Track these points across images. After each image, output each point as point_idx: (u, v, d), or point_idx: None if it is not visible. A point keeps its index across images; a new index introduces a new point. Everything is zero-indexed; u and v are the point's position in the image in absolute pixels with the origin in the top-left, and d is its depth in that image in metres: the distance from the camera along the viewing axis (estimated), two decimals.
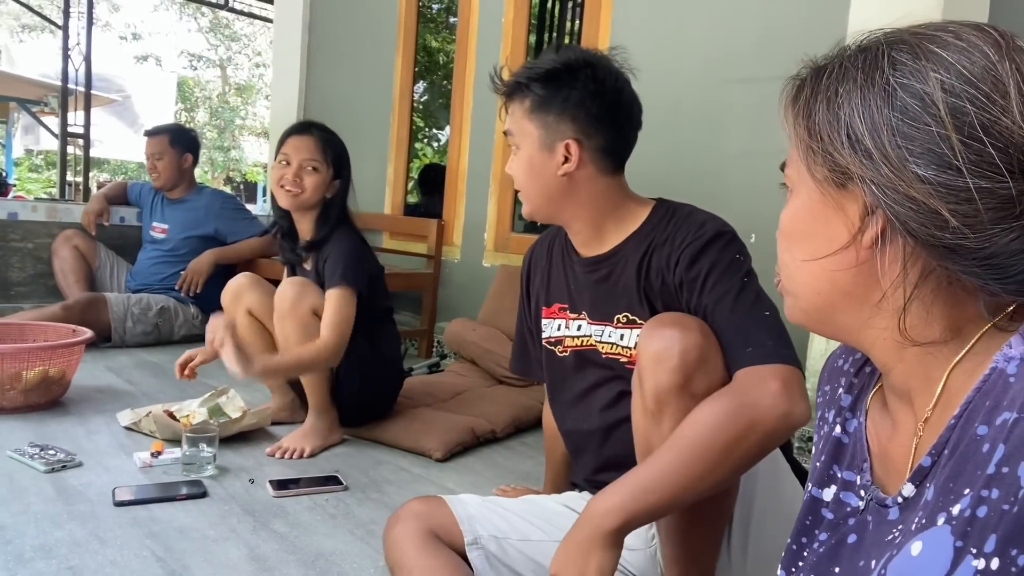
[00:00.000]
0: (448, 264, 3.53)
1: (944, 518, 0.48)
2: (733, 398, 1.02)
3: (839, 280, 0.58)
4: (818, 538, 0.66)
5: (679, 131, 2.62)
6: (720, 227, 1.22)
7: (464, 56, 3.51)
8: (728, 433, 0.98)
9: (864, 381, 0.68)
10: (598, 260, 1.32)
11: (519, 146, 1.31)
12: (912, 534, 0.51)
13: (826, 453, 0.68)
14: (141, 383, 2.74)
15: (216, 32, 19.35)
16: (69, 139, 7.01)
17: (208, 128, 19.22)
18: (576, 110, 1.26)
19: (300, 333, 2.01)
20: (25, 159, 14.73)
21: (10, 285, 3.67)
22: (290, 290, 2.02)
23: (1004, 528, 0.43)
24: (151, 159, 3.56)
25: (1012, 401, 0.46)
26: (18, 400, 2.24)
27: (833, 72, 0.57)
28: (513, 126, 1.31)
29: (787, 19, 2.32)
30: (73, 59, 6.84)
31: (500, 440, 2.31)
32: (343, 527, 1.63)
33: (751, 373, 1.05)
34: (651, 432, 1.12)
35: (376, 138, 3.98)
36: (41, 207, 3.85)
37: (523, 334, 1.54)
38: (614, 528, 0.95)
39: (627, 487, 0.98)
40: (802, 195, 0.60)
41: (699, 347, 1.08)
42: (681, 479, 0.98)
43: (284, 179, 2.13)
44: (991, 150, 0.49)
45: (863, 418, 0.66)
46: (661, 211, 1.30)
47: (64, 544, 1.45)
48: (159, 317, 3.38)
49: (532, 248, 1.52)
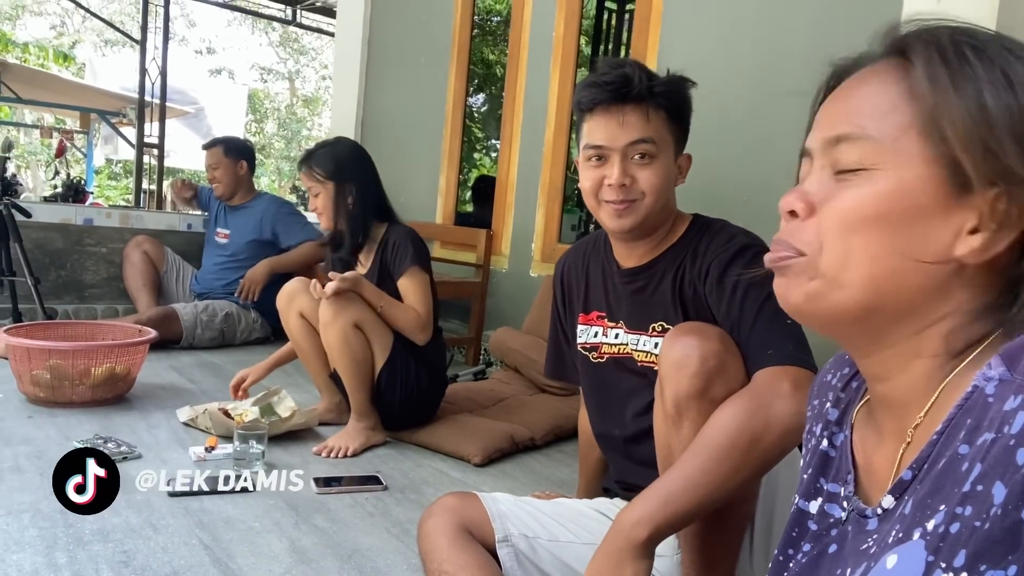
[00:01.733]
0: (496, 273, 3.59)
1: (919, 533, 0.49)
2: (748, 400, 1.05)
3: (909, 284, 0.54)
4: (802, 549, 0.67)
5: (727, 144, 2.61)
6: (748, 240, 1.25)
7: (516, 69, 3.57)
8: (744, 434, 1.01)
9: (851, 395, 0.69)
10: (636, 271, 1.37)
11: (655, 154, 1.27)
12: (889, 547, 0.51)
13: (813, 466, 0.69)
14: (201, 382, 2.87)
15: (285, 46, 20.01)
16: (145, 149, 7.37)
17: (276, 139, 19.86)
18: (688, 127, 1.33)
19: (341, 343, 2.10)
20: (105, 167, 15.48)
21: (84, 287, 3.88)
22: (334, 301, 2.11)
23: (975, 544, 0.44)
24: (209, 170, 3.76)
25: (991, 421, 0.46)
26: (86, 395, 2.39)
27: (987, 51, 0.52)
28: (654, 133, 1.26)
29: (835, 31, 2.30)
30: (150, 73, 7.20)
31: (539, 448, 2.34)
32: (380, 525, 1.69)
33: (765, 375, 1.09)
34: (671, 437, 1.14)
35: (430, 149, 4.08)
36: (115, 214, 4.07)
37: (557, 340, 1.58)
38: (644, 539, 0.98)
39: (653, 497, 1.01)
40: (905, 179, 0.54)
41: (718, 354, 1.10)
42: (704, 484, 1.00)
43: (313, 209, 2.39)
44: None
45: (849, 431, 0.67)
46: (697, 225, 1.34)
47: (120, 530, 1.55)
48: (224, 323, 3.55)
49: (566, 256, 1.56)
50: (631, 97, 1.25)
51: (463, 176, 4.31)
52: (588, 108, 1.29)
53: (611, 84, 1.25)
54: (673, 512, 0.99)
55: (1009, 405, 0.45)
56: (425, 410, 2.34)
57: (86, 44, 18.03)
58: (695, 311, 1.28)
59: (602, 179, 1.29)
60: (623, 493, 1.43)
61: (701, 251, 1.29)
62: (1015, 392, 0.45)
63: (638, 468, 1.39)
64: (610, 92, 1.25)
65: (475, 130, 6.72)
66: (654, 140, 1.26)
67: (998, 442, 0.45)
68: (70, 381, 2.35)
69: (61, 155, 8.78)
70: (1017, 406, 0.45)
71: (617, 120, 1.26)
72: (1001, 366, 0.48)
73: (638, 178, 1.27)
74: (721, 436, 1.02)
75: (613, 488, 1.47)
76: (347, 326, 2.10)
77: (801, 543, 0.67)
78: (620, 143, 1.26)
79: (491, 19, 6.10)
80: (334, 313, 2.10)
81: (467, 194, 5.76)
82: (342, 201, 2.30)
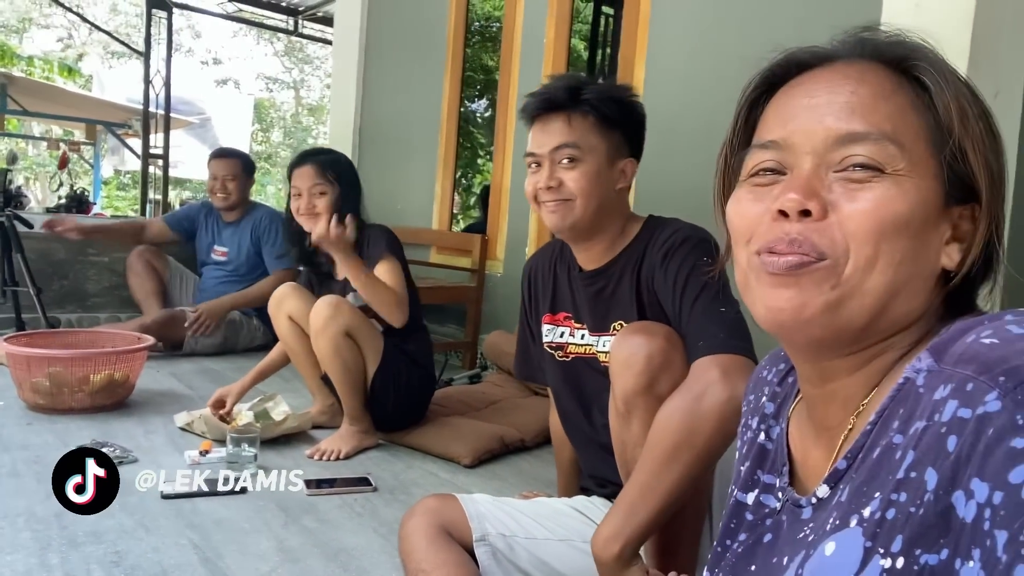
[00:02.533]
0: (491, 278, 3.62)
1: (856, 519, 0.50)
2: (683, 396, 1.10)
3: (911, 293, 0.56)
4: (738, 539, 0.69)
5: (716, 147, 2.64)
6: (689, 233, 1.30)
7: (508, 74, 3.61)
8: (683, 430, 1.05)
9: (787, 391, 0.71)
10: (595, 274, 1.41)
11: (581, 159, 1.34)
12: (827, 534, 0.53)
13: (751, 459, 0.71)
14: (200, 388, 2.91)
15: (290, 55, 20.16)
16: (150, 160, 7.45)
17: (282, 147, 19.99)
18: (634, 134, 1.39)
19: (332, 351, 2.14)
20: (114, 178, 15.63)
21: (87, 296, 3.94)
22: (324, 310, 2.14)
23: (910, 529, 0.46)
24: (223, 180, 3.69)
25: (923, 410, 0.48)
26: (85, 401, 2.43)
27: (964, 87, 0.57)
28: (578, 138, 1.34)
29: (821, 30, 2.32)
30: (154, 84, 7.28)
31: (529, 449, 2.37)
32: (368, 525, 1.73)
33: (697, 367, 1.13)
34: (623, 433, 1.20)
35: (425, 156, 4.12)
36: None
37: (525, 340, 1.62)
38: (615, 555, 1.03)
39: (618, 512, 1.06)
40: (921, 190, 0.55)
41: (663, 352, 1.15)
42: (659, 487, 1.05)
43: (300, 208, 2.33)
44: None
45: (785, 424, 0.69)
46: (650, 225, 1.39)
47: (113, 531, 1.59)
48: (227, 330, 3.58)
49: (533, 258, 1.60)
50: (555, 106, 1.34)
51: (467, 182, 4.35)
52: (527, 121, 1.40)
53: (539, 96, 1.37)
54: (639, 522, 1.05)
55: (939, 394, 0.47)
56: (416, 410, 2.38)
57: (92, 57, 18.22)
58: (651, 309, 1.33)
59: (537, 183, 1.38)
60: (597, 489, 1.47)
61: (650, 249, 1.34)
62: (944, 382, 0.47)
63: (608, 461, 1.42)
64: (538, 103, 1.37)
65: (479, 136, 6.75)
66: (577, 144, 1.34)
67: (929, 430, 0.47)
68: (69, 388, 2.40)
69: (64, 166, 8.87)
70: (947, 395, 0.46)
71: (543, 128, 1.36)
72: (929, 358, 0.50)
73: (565, 180, 1.34)
74: (664, 437, 1.06)
75: (588, 485, 1.50)
76: (338, 335, 2.14)
77: (738, 534, 0.69)
78: (546, 148, 1.35)
79: (491, 26, 6.13)
80: (325, 321, 2.13)
81: (471, 200, 5.78)
82: (342, 207, 2.33)
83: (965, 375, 0.46)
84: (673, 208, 1.50)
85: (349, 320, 2.16)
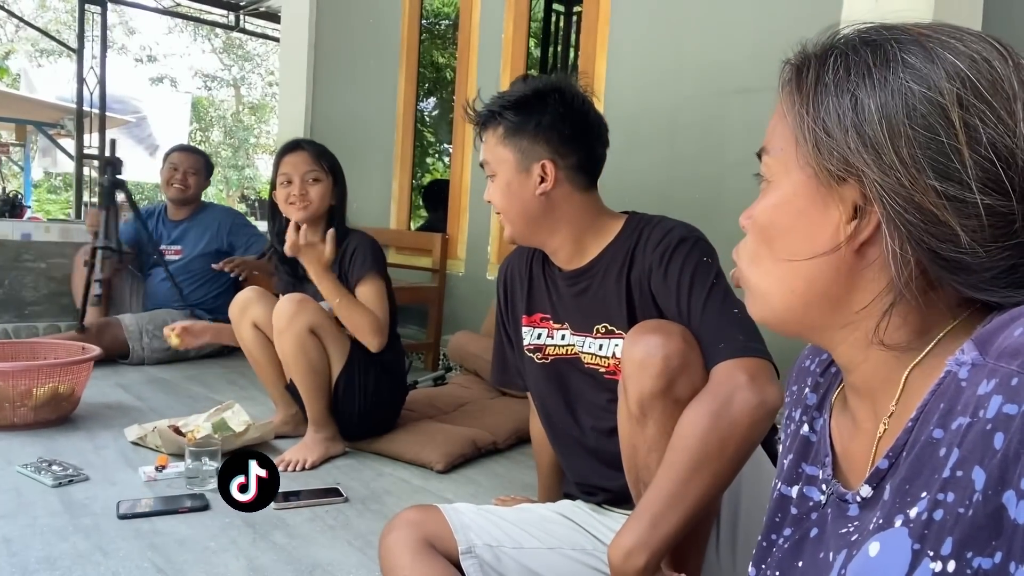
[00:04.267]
0: (453, 277, 3.56)
1: (901, 520, 0.48)
2: (709, 402, 1.05)
3: (817, 280, 0.57)
4: (783, 534, 0.67)
5: (677, 143, 2.64)
6: (685, 232, 1.26)
7: (466, 71, 3.55)
8: (713, 438, 1.01)
9: (829, 380, 0.69)
10: (578, 273, 1.36)
11: (496, 173, 1.36)
12: (870, 534, 0.51)
13: (794, 451, 0.69)
14: (150, 399, 2.78)
15: (229, 52, 19.63)
16: (85, 160, 7.14)
17: (222, 147, 19.46)
18: (548, 132, 1.32)
19: (297, 349, 2.05)
20: (44, 181, 14.98)
21: (24, 304, 3.74)
22: (287, 307, 2.05)
23: (960, 531, 0.44)
24: (184, 173, 3.61)
25: (965, 406, 0.46)
26: (28, 417, 2.29)
27: (840, 61, 0.55)
28: (488, 154, 1.36)
29: (779, 29, 2.33)
30: (88, 82, 6.98)
31: (502, 451, 2.33)
32: (341, 538, 1.65)
33: (721, 371, 1.09)
34: (636, 437, 1.14)
35: (381, 154, 4.03)
36: (54, 228, 3.94)
37: (501, 345, 1.57)
38: (640, 568, 0.97)
39: (640, 522, 1.00)
40: (785, 188, 0.59)
41: (681, 353, 1.11)
42: (687, 497, 1.00)
43: (291, 196, 2.20)
44: (999, 169, 0.49)
45: (828, 416, 0.67)
46: (633, 222, 1.35)
47: (68, 556, 1.48)
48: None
49: (508, 260, 1.55)
50: (479, 123, 1.38)
51: (416, 181, 4.28)
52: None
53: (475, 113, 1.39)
54: (666, 532, 0.99)
55: (983, 389, 0.45)
56: (385, 419, 2.30)
57: (20, 54, 17.42)
58: (642, 309, 1.28)
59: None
60: (583, 496, 1.43)
61: (641, 248, 1.29)
62: (988, 376, 0.45)
63: (597, 468, 1.38)
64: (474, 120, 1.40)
65: (427, 134, 6.67)
66: (488, 162, 1.37)
67: (974, 427, 0.45)
68: (11, 403, 2.25)
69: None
70: (991, 390, 0.44)
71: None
72: (974, 351, 0.48)
73: (491, 196, 1.38)
74: (691, 444, 1.02)
75: (573, 492, 1.46)
76: (302, 332, 2.05)
77: (783, 528, 0.67)
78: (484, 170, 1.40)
79: (439, 22, 6.07)
80: (289, 318, 2.05)
81: (418, 200, 5.71)
82: (334, 204, 2.26)
83: (1010, 370, 0.44)
84: (635, 204, 1.46)
85: (313, 318, 2.07)
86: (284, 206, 2.22)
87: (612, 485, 1.35)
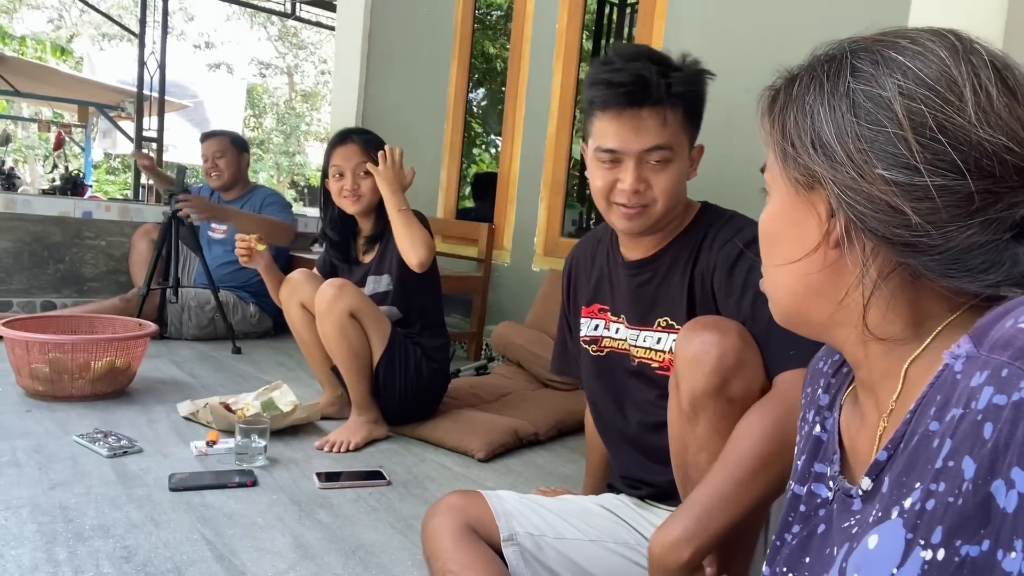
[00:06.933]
0: (498, 268, 3.57)
1: (897, 511, 0.50)
2: (776, 407, 1.02)
3: (812, 281, 0.61)
4: (792, 531, 0.68)
5: (733, 138, 2.59)
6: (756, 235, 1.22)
7: (518, 62, 3.54)
8: (776, 443, 0.98)
9: (840, 380, 0.71)
10: (641, 264, 1.34)
11: (671, 160, 1.23)
12: (870, 526, 0.52)
13: (807, 452, 0.70)
14: (201, 376, 2.85)
15: (284, 40, 19.92)
16: (143, 143, 7.32)
17: (275, 133, 19.78)
18: (699, 119, 1.28)
19: (338, 332, 2.09)
20: (104, 162, 15.42)
21: (83, 280, 3.86)
22: (328, 291, 2.09)
23: (949, 520, 0.45)
24: (212, 158, 3.70)
25: (959, 398, 0.47)
26: (86, 389, 2.37)
27: (803, 81, 0.60)
28: (671, 138, 1.22)
29: (844, 21, 2.27)
30: (148, 67, 7.15)
31: (543, 443, 2.33)
32: (384, 520, 1.68)
33: (791, 377, 1.06)
34: (686, 434, 1.12)
35: (430, 143, 4.05)
36: (114, 207, 4.04)
37: (563, 332, 1.56)
38: (684, 561, 0.95)
39: (688, 516, 0.97)
40: (775, 200, 0.64)
41: (737, 351, 1.08)
42: (740, 497, 0.97)
43: (344, 190, 2.27)
44: (948, 149, 0.51)
45: (837, 413, 0.69)
46: (706, 216, 1.31)
47: (121, 525, 1.53)
48: (216, 311, 3.49)
49: (575, 249, 1.53)
50: (648, 100, 1.19)
51: (463, 171, 4.29)
52: (600, 108, 1.22)
53: (625, 86, 1.18)
54: (714, 529, 0.96)
55: (975, 381, 0.46)
56: (426, 404, 2.32)
57: (84, 38, 17.95)
58: (704, 307, 1.25)
59: (614, 182, 1.24)
60: (627, 489, 1.42)
61: (708, 244, 1.26)
62: (981, 368, 0.46)
63: (642, 462, 1.37)
64: (624, 96, 1.19)
65: (475, 125, 6.68)
66: (671, 146, 1.21)
67: (966, 417, 0.46)
68: (69, 375, 2.33)
69: (59, 148, 8.73)
70: (983, 382, 0.45)
71: (633, 125, 1.20)
72: (968, 343, 0.49)
73: (652, 183, 1.23)
74: (753, 446, 0.99)
75: (617, 484, 1.45)
76: (343, 315, 2.08)
77: (793, 526, 0.69)
78: (635, 148, 1.21)
79: (491, 13, 6.06)
80: (330, 302, 2.08)
81: (466, 190, 5.73)
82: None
83: (1001, 361, 0.45)
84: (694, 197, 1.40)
85: (353, 301, 2.10)
86: (338, 199, 2.28)
87: (657, 480, 1.34)
